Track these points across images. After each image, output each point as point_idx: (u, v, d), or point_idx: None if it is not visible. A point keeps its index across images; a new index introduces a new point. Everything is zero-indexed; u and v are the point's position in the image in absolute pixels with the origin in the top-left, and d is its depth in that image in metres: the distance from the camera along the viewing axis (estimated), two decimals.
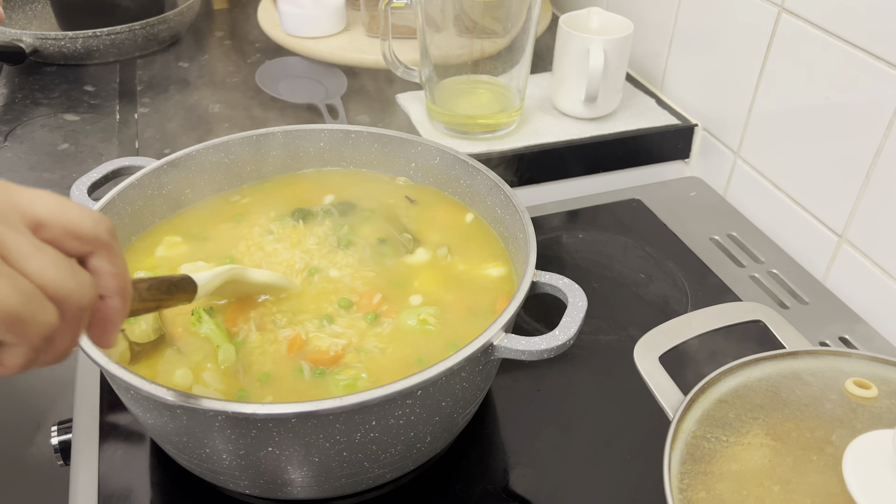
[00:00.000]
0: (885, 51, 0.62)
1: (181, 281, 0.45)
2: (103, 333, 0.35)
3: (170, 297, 0.43)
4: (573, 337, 0.47)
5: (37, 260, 0.30)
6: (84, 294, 0.32)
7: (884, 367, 0.46)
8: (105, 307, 0.34)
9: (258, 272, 0.53)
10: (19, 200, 0.31)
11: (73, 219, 0.32)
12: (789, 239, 0.77)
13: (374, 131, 0.65)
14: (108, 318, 0.34)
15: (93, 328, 0.34)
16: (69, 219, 0.32)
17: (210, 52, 1.04)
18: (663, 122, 0.88)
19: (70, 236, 0.32)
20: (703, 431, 0.43)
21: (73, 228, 0.32)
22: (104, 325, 0.34)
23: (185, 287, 0.45)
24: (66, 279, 0.31)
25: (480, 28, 0.81)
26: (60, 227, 0.32)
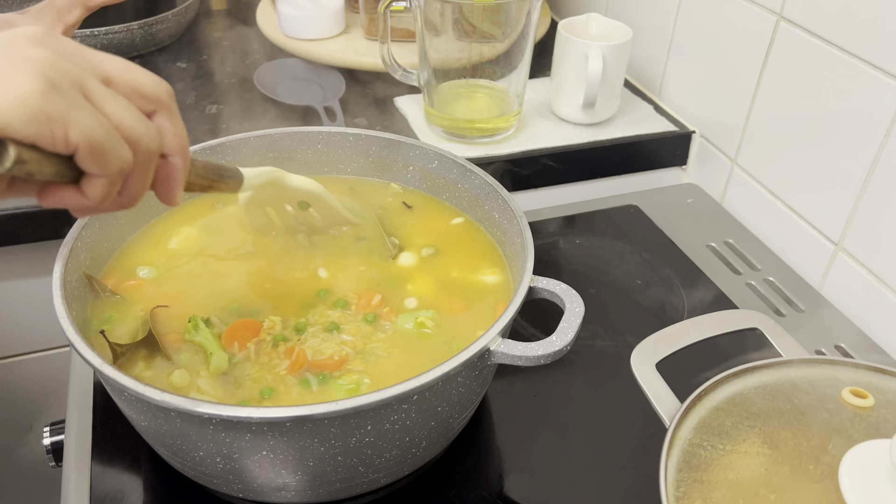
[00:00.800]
0: (882, 60, 0.62)
1: (231, 169, 0.48)
2: (168, 190, 0.38)
3: (220, 180, 0.46)
4: (570, 343, 0.47)
5: (114, 103, 0.34)
6: (153, 140, 0.35)
7: (880, 377, 0.46)
8: (168, 164, 0.37)
9: (297, 177, 0.55)
10: (93, 58, 0.35)
11: (139, 78, 0.36)
12: (786, 247, 0.77)
13: (372, 134, 0.64)
14: (171, 175, 0.38)
15: (158, 185, 0.38)
16: (135, 77, 0.36)
17: (208, 53, 1.04)
18: (661, 129, 0.88)
19: (136, 94, 0.36)
20: (700, 439, 0.43)
21: (138, 87, 0.36)
22: (168, 182, 0.38)
23: (234, 175, 0.48)
24: (139, 123, 0.35)
25: (479, 32, 0.81)
26: (128, 85, 0.36)
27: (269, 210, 0.58)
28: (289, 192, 0.55)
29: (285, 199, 0.57)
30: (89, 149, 0.33)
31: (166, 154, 0.37)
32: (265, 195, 0.55)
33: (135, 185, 0.36)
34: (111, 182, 0.35)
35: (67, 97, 0.32)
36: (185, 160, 0.38)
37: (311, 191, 0.56)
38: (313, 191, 0.56)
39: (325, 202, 0.57)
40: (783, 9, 0.72)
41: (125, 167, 0.35)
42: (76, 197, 0.35)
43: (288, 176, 0.54)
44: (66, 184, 0.35)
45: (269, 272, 0.57)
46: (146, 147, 0.35)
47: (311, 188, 0.56)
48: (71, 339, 0.44)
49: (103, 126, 0.33)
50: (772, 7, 0.73)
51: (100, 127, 0.33)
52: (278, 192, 0.55)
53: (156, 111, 0.37)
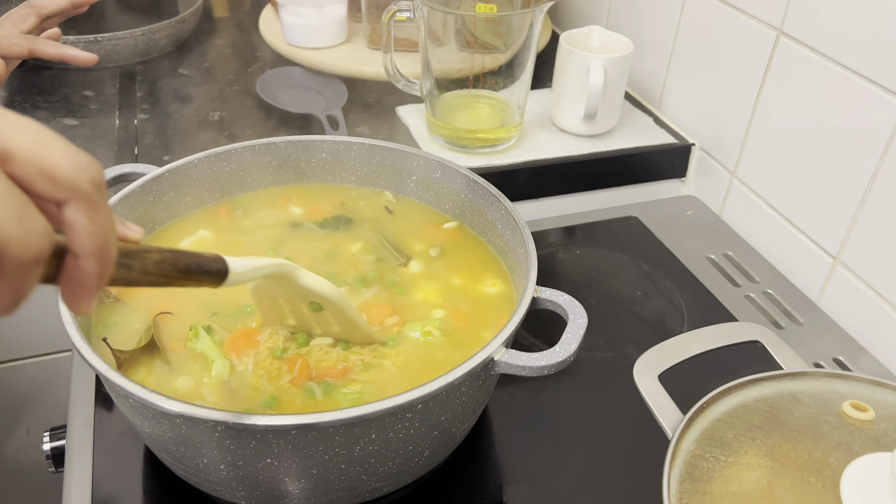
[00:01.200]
0: (881, 76, 0.63)
1: (207, 262, 0.39)
2: (73, 297, 0.30)
3: (187, 277, 0.37)
4: (573, 353, 0.47)
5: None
6: (30, 244, 0.27)
7: (880, 390, 0.47)
8: (76, 268, 0.29)
9: (312, 277, 0.47)
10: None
11: (51, 158, 0.28)
12: (784, 259, 0.77)
13: (376, 144, 0.65)
14: (78, 281, 0.30)
15: (63, 288, 0.30)
16: (45, 156, 0.27)
17: (211, 60, 1.04)
18: (661, 141, 0.88)
19: (42, 176, 0.27)
20: (702, 451, 0.43)
21: (47, 168, 0.27)
22: (73, 287, 0.30)
23: (211, 271, 0.39)
24: (7, 223, 0.26)
25: (482, 43, 0.82)
26: (32, 164, 0.27)
27: (281, 303, 0.50)
28: (299, 290, 0.47)
29: (297, 296, 0.49)
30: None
31: (76, 254, 0.29)
32: (275, 288, 0.48)
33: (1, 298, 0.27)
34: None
35: None
36: (103, 264, 0.30)
37: (324, 294, 0.47)
38: (328, 295, 0.48)
39: (339, 309, 0.49)
40: (783, 24, 0.72)
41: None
42: None
43: (299, 273, 0.46)
44: None
45: None
46: (17, 253, 0.26)
47: (326, 291, 0.47)
48: (76, 344, 0.44)
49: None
50: (772, 22, 0.74)
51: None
52: (288, 287, 0.47)
53: (67, 200, 0.28)
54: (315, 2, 0.94)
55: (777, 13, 0.73)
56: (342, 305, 0.49)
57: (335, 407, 0.48)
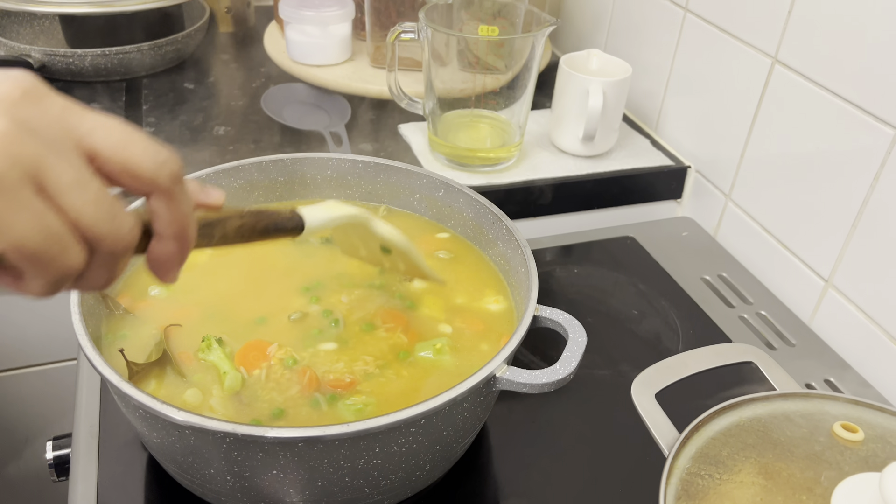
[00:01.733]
0: (872, 105, 0.65)
1: (284, 221, 0.41)
2: (159, 272, 0.34)
3: (266, 236, 0.40)
4: (573, 372, 0.48)
5: (75, 196, 0.29)
6: (119, 239, 0.30)
7: (869, 412, 0.48)
8: (160, 248, 0.33)
9: (384, 225, 0.51)
10: (81, 126, 0.30)
11: (135, 157, 0.31)
12: (777, 281, 0.79)
13: (381, 162, 0.66)
14: (163, 261, 0.34)
15: (150, 263, 0.34)
16: (129, 155, 0.31)
17: (216, 75, 1.06)
18: (657, 163, 0.90)
19: (126, 174, 0.31)
20: (697, 468, 0.44)
21: (130, 167, 0.31)
22: (159, 265, 0.34)
23: (288, 228, 0.42)
24: (101, 221, 0.29)
25: (483, 64, 0.83)
26: (118, 163, 0.30)
27: (356, 240, 0.54)
28: (372, 235, 0.52)
29: (369, 238, 0.53)
30: (19, 256, 0.28)
31: (160, 237, 0.33)
32: (350, 230, 0.52)
33: (94, 281, 0.32)
34: (53, 282, 0.30)
35: (7, 192, 0.27)
36: (184, 244, 0.34)
37: (393, 241, 0.52)
38: (396, 242, 0.52)
39: (406, 255, 0.54)
40: (778, 52, 0.74)
41: (71, 272, 0.30)
42: (15, 285, 0.30)
43: (373, 222, 0.50)
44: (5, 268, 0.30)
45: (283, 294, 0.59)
46: (108, 248, 0.30)
47: (394, 239, 0.52)
48: (89, 355, 0.45)
49: (44, 231, 0.28)
50: (767, 50, 0.76)
51: (38, 233, 0.28)
52: (361, 232, 0.51)
53: (150, 193, 0.32)
54: (320, 20, 0.95)
55: (772, 42, 0.75)
56: (408, 251, 0.53)
57: (339, 418, 0.49)
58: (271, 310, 0.57)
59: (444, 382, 0.52)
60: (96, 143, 0.30)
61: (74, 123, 0.30)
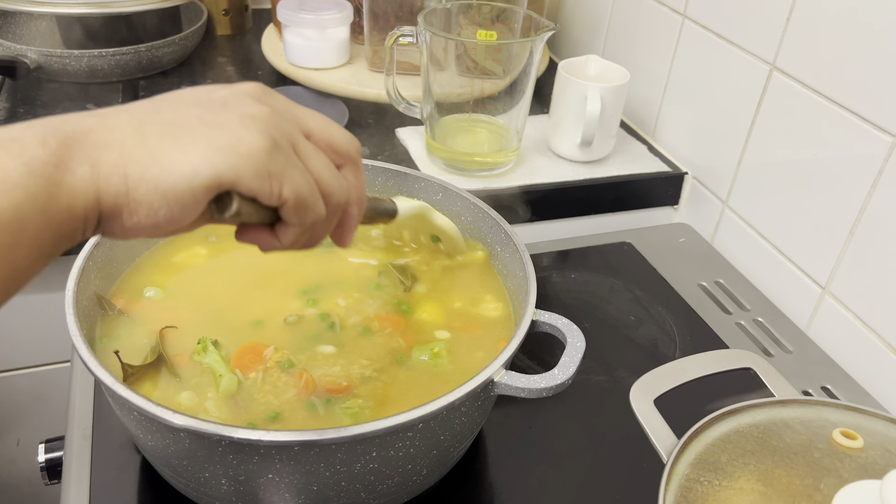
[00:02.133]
0: (871, 113, 0.65)
1: (386, 205, 0.53)
2: (343, 236, 0.42)
3: (377, 217, 0.52)
4: (571, 377, 0.48)
5: (316, 160, 0.37)
6: (343, 194, 0.39)
7: (869, 419, 0.48)
8: (347, 213, 0.41)
9: (443, 218, 0.61)
10: (298, 114, 0.39)
11: (335, 134, 0.40)
12: (774, 288, 0.79)
13: (379, 165, 0.66)
14: (347, 223, 0.41)
15: (335, 230, 0.41)
16: (331, 134, 0.40)
17: (213, 77, 1.05)
18: (654, 169, 0.90)
19: (330, 148, 0.39)
20: (696, 475, 0.44)
21: (333, 142, 0.40)
22: (344, 228, 0.41)
23: (389, 212, 0.54)
24: (334, 179, 0.38)
25: (481, 69, 0.83)
26: (325, 140, 0.39)
27: (405, 232, 0.64)
28: (429, 225, 0.61)
29: (424, 229, 0.62)
30: (295, 204, 0.36)
31: (348, 204, 0.41)
32: (408, 221, 0.59)
33: (320, 232, 0.40)
34: (304, 231, 0.38)
35: (285, 155, 0.35)
36: (361, 209, 0.42)
37: (448, 231, 0.61)
38: (450, 232, 0.61)
39: (454, 241, 0.62)
40: (776, 59, 0.75)
41: (319, 220, 0.38)
42: (270, 239, 0.39)
43: (434, 213, 0.60)
44: (263, 226, 0.38)
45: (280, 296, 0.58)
46: (337, 201, 0.39)
47: (450, 229, 0.61)
48: (84, 357, 0.44)
49: (309, 184, 0.36)
50: (765, 57, 0.76)
51: (306, 185, 0.36)
52: (420, 222, 0.60)
53: (343, 165, 0.40)
54: (318, 23, 0.95)
55: (771, 48, 0.75)
56: (455, 237, 0.62)
57: (335, 421, 0.49)
58: (268, 312, 0.56)
59: (442, 387, 0.52)
60: (310, 125, 0.39)
61: (295, 112, 0.39)
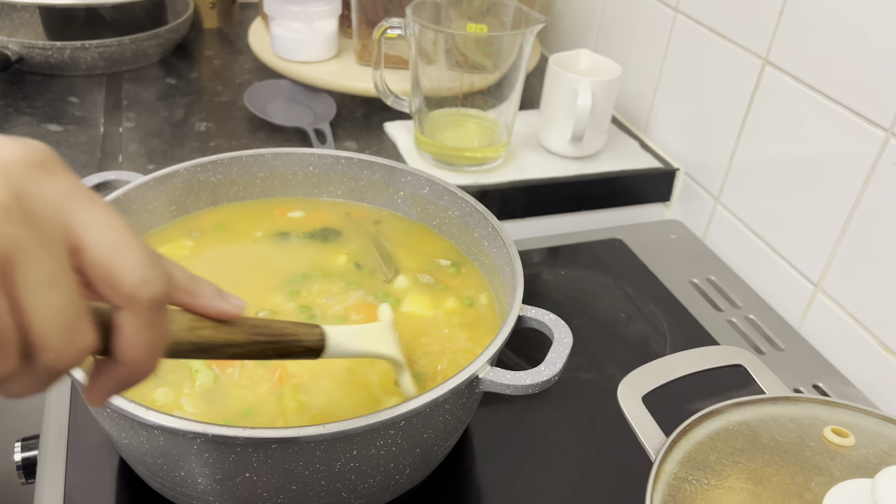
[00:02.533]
0: (864, 108, 0.64)
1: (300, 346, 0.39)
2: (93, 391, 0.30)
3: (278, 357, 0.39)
4: (558, 373, 0.47)
5: (41, 295, 0.25)
6: (66, 357, 0.27)
7: (861, 417, 0.47)
8: (109, 367, 0.30)
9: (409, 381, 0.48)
10: (79, 216, 0.27)
11: (120, 266, 0.28)
12: (766, 285, 0.78)
13: (364, 158, 0.65)
14: (105, 379, 0.30)
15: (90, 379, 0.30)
16: (116, 263, 0.28)
17: (199, 71, 1.04)
18: (646, 165, 0.89)
19: (106, 282, 0.28)
20: (685, 473, 0.43)
21: (111, 277, 0.28)
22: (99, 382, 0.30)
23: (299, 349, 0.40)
24: (56, 332, 0.26)
25: (471, 63, 0.82)
26: (101, 268, 0.27)
27: None
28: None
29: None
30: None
31: (113, 359, 0.29)
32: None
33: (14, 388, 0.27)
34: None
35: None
36: (136, 375, 0.30)
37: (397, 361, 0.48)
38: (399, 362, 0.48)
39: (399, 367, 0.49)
40: (769, 54, 0.74)
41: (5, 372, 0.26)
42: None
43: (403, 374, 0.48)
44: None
45: (257, 291, 0.57)
46: (49, 362, 0.26)
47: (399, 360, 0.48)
48: None
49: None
50: (758, 52, 0.75)
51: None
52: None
53: (122, 309, 0.28)
54: (306, 16, 0.94)
55: (763, 43, 0.74)
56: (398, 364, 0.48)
57: (310, 417, 0.47)
58: (249, 306, 0.55)
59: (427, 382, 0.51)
60: (88, 239, 0.27)
61: (74, 211, 0.27)
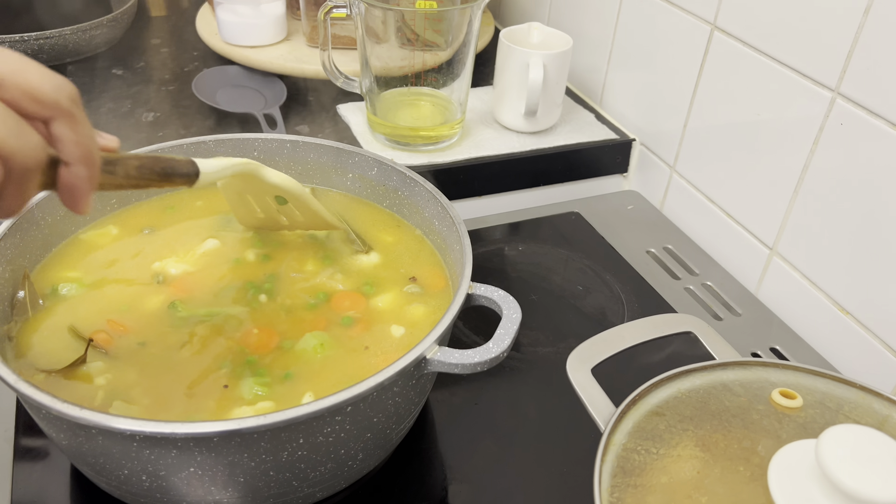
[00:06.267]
0: (811, 69, 0.64)
1: (180, 165, 0.44)
2: (72, 200, 0.35)
3: (164, 179, 0.43)
4: (507, 349, 0.47)
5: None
6: (29, 154, 0.31)
7: (809, 378, 0.47)
8: (70, 174, 0.34)
9: (274, 172, 0.52)
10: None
11: (33, 80, 0.32)
12: (723, 252, 0.78)
13: (309, 141, 0.64)
14: (74, 185, 0.35)
15: (61, 194, 0.35)
16: (28, 79, 0.32)
17: (146, 60, 1.01)
18: (602, 137, 0.89)
19: (27, 98, 0.32)
20: (634, 444, 0.43)
21: (30, 90, 0.32)
22: (71, 191, 0.35)
23: (186, 173, 0.44)
24: (9, 137, 0.31)
25: (422, 41, 0.81)
26: (17, 88, 0.32)
27: (249, 198, 0.56)
28: (264, 186, 0.53)
29: (262, 192, 0.55)
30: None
31: (67, 162, 0.34)
32: (242, 185, 0.53)
33: (9, 201, 0.33)
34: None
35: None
36: (91, 168, 0.35)
37: (287, 188, 0.53)
38: (290, 188, 0.54)
39: (302, 201, 0.55)
40: (717, 18, 0.73)
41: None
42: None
43: (263, 170, 0.52)
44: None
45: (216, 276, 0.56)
46: (20, 163, 0.31)
47: (288, 185, 0.53)
48: None
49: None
50: (706, 17, 0.74)
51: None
52: (254, 185, 0.53)
53: (53, 117, 0.33)
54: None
55: (710, 7, 0.73)
56: (303, 196, 0.54)
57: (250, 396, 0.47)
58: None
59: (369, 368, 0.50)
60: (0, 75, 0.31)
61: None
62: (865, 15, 0.58)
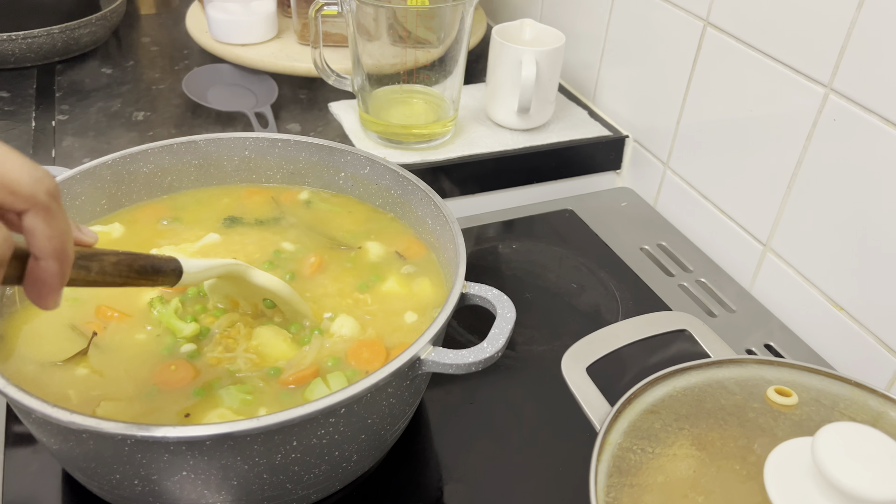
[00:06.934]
0: (803, 65, 0.64)
1: (162, 263, 0.42)
2: (38, 295, 0.34)
3: (143, 277, 0.41)
4: (501, 349, 0.46)
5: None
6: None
7: (805, 375, 0.47)
8: (38, 268, 0.33)
9: (263, 275, 0.49)
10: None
11: (10, 172, 0.31)
12: (717, 248, 0.78)
13: (301, 140, 0.63)
14: (42, 280, 0.34)
15: (28, 288, 0.34)
16: (5, 172, 0.31)
17: (136, 59, 1.01)
18: (595, 134, 0.88)
19: (4, 190, 0.31)
20: (630, 443, 0.43)
21: (7, 183, 0.31)
22: (39, 286, 0.34)
23: (166, 271, 0.42)
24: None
25: (414, 38, 0.80)
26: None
27: (236, 299, 0.52)
28: (252, 288, 0.50)
29: (250, 293, 0.51)
30: None
31: (38, 257, 0.33)
32: (230, 288, 0.50)
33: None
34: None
35: None
36: (63, 265, 0.34)
37: (275, 290, 0.50)
38: (279, 292, 0.50)
39: (289, 304, 0.51)
40: (709, 15, 0.73)
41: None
42: None
43: (251, 272, 0.49)
44: None
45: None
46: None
47: (277, 288, 0.50)
48: None
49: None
50: (698, 13, 0.74)
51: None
52: (242, 287, 0.50)
53: (27, 210, 0.32)
54: None
55: (703, 3, 0.73)
56: (293, 301, 0.51)
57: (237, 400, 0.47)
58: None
59: None
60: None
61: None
62: (858, 10, 0.58)
